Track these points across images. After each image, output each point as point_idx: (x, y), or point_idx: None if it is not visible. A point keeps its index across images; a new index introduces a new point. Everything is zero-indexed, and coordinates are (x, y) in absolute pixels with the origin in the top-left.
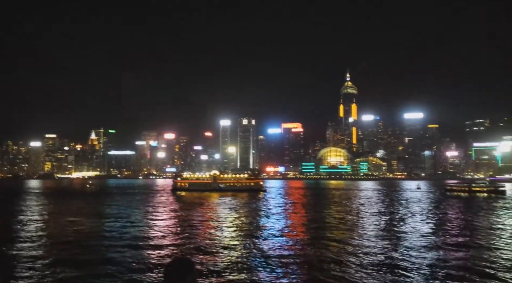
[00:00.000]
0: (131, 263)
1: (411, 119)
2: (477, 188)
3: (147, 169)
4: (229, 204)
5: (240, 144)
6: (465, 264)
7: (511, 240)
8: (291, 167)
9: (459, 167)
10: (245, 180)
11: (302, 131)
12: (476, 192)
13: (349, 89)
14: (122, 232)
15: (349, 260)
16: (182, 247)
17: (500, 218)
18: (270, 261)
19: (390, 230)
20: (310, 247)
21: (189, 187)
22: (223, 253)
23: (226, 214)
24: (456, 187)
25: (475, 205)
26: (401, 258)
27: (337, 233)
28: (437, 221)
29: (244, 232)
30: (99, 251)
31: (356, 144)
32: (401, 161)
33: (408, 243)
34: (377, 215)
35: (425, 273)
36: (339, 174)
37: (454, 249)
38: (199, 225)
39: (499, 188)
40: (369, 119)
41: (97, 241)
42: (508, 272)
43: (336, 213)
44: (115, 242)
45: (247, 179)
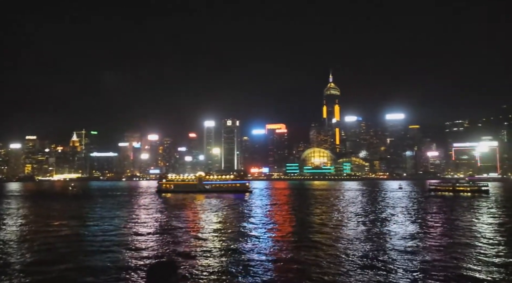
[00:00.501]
0: (114, 265)
1: (392, 120)
2: (461, 187)
3: (130, 171)
4: (214, 206)
5: (225, 145)
6: (446, 263)
7: (487, 239)
8: (276, 168)
9: (439, 167)
10: (231, 181)
11: (286, 132)
12: (460, 191)
13: (332, 90)
14: (104, 235)
15: (332, 261)
16: (166, 249)
17: (480, 217)
18: (253, 263)
19: (373, 229)
20: (293, 249)
21: (175, 188)
22: (206, 255)
23: (210, 216)
24: (440, 187)
25: (457, 204)
26: (384, 258)
27: (321, 234)
28: (419, 221)
29: (228, 234)
30: (80, 254)
31: (339, 144)
32: (383, 162)
33: (390, 242)
34: (360, 215)
35: (408, 271)
36: (323, 175)
37: (435, 248)
38: (183, 227)
39: (483, 188)
40: (352, 120)
41: (78, 244)
42: (489, 270)
43: (320, 213)
44: (97, 245)
45: (233, 180)
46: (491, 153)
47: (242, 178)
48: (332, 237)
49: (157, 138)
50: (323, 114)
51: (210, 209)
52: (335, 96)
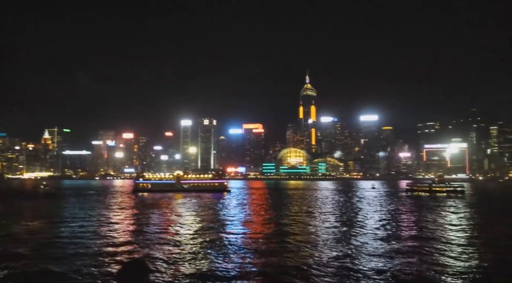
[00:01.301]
0: (84, 266)
1: (366, 121)
2: (437, 188)
3: (104, 170)
4: (192, 205)
5: (201, 144)
6: (416, 262)
7: (457, 237)
8: (252, 168)
9: (411, 168)
10: (209, 180)
11: (263, 132)
12: (437, 192)
13: (309, 91)
14: (76, 235)
15: (306, 261)
16: (139, 249)
17: (449, 216)
18: (228, 262)
19: (347, 229)
20: (268, 249)
21: (152, 187)
22: (181, 254)
23: (187, 215)
24: (416, 187)
25: (432, 204)
26: (356, 257)
27: (295, 233)
28: (390, 220)
29: (203, 233)
30: (51, 255)
31: (315, 145)
32: (357, 162)
33: (362, 240)
34: (334, 214)
35: (378, 271)
36: (299, 175)
37: (406, 248)
38: (159, 227)
39: (458, 188)
40: (328, 120)
41: (49, 244)
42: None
43: (295, 213)
44: (69, 246)
45: (211, 179)
46: (461, 155)
47: (220, 177)
48: (306, 235)
49: (132, 137)
50: (300, 114)
51: (187, 208)
52: (312, 97)
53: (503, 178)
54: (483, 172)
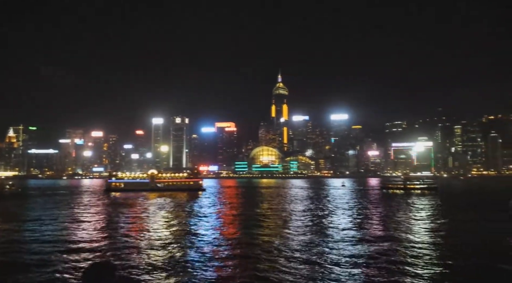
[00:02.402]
0: (49, 268)
1: (337, 120)
2: (412, 185)
3: (72, 169)
4: (166, 204)
5: (173, 143)
6: (386, 257)
7: (420, 233)
8: (224, 166)
9: (379, 166)
10: (184, 179)
11: (235, 131)
12: (411, 189)
13: (281, 90)
14: (42, 236)
15: (278, 258)
16: (107, 250)
17: (417, 213)
18: (199, 261)
19: (317, 226)
20: (240, 246)
21: (125, 187)
22: (150, 255)
23: (161, 214)
24: (392, 185)
25: (406, 201)
26: (327, 254)
27: (268, 231)
28: (359, 217)
29: (176, 233)
30: (15, 257)
31: (287, 143)
32: (327, 160)
33: (333, 238)
34: (305, 212)
35: (349, 267)
36: (271, 173)
37: (375, 241)
38: (130, 227)
39: (432, 186)
40: (299, 119)
41: (13, 246)
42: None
43: (267, 210)
44: (34, 247)
45: (186, 178)
46: (426, 153)
47: (195, 176)
48: (279, 232)
49: (102, 135)
50: (272, 113)
51: (161, 207)
52: (284, 96)
53: (466, 175)
54: (447, 169)
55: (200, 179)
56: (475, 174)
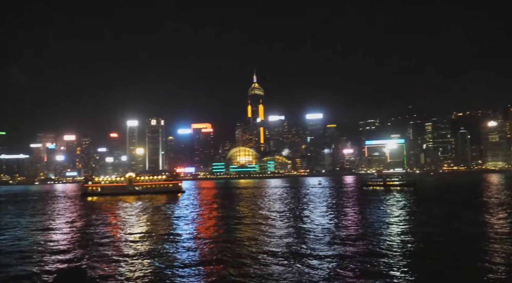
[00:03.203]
0: (20, 274)
1: (312, 120)
2: (391, 182)
3: (44, 174)
4: (144, 208)
5: (149, 145)
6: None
7: (392, 229)
8: (202, 168)
9: (354, 163)
10: (163, 181)
11: (212, 132)
12: (391, 186)
13: (256, 90)
14: (14, 243)
15: (258, 257)
16: (80, 259)
17: (392, 209)
18: (177, 265)
19: (295, 224)
20: (220, 248)
21: (102, 191)
22: (125, 265)
23: (137, 219)
24: (372, 182)
25: (386, 197)
26: (307, 252)
27: (247, 231)
28: (336, 215)
29: (153, 236)
30: None
31: (263, 143)
32: (304, 159)
33: (312, 235)
34: (283, 211)
35: (328, 264)
36: (248, 173)
37: (356, 241)
38: (105, 231)
39: (411, 182)
40: (275, 119)
41: None
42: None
43: (245, 211)
44: (3, 255)
45: (165, 180)
46: (399, 150)
47: (175, 178)
48: (258, 232)
49: (74, 138)
50: (248, 113)
51: (138, 211)
52: (259, 96)
53: (438, 171)
54: (419, 166)
55: (179, 181)
56: (446, 170)
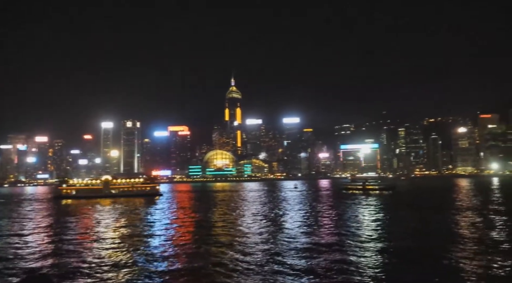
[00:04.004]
0: None
1: (289, 124)
2: (370, 186)
3: (14, 176)
4: (119, 211)
5: (124, 148)
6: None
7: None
8: (178, 170)
9: (329, 167)
10: (140, 184)
11: (189, 134)
12: (370, 190)
13: (234, 93)
14: None
15: (235, 262)
16: (49, 262)
17: (368, 212)
18: (151, 274)
19: (271, 228)
20: (196, 252)
21: (77, 194)
22: (98, 269)
23: (112, 222)
24: (351, 186)
25: (363, 201)
26: (282, 254)
27: (223, 235)
28: (313, 219)
29: (126, 240)
30: None
31: (240, 147)
32: (280, 163)
33: (288, 239)
34: (259, 215)
35: (301, 267)
36: (225, 176)
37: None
38: (77, 236)
39: (390, 186)
40: (253, 123)
41: None
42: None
43: (222, 215)
44: None
45: (142, 183)
46: (373, 154)
47: (152, 181)
48: (234, 237)
49: (47, 140)
50: (226, 116)
51: (114, 214)
52: (237, 99)
53: (410, 175)
54: (392, 170)
55: (157, 184)
56: (418, 174)
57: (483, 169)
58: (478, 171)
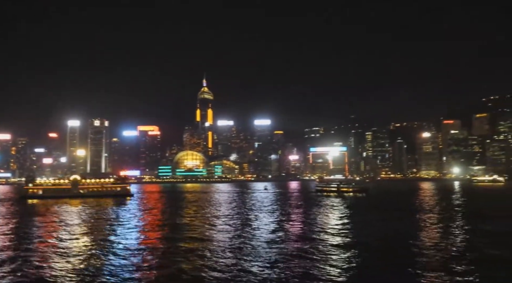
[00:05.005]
0: None
1: (260, 125)
2: (344, 188)
3: None
4: (87, 212)
5: (91, 147)
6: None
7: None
8: (147, 171)
9: (299, 169)
10: (110, 185)
11: (159, 134)
12: (344, 192)
13: (206, 94)
14: None
15: (203, 262)
16: (6, 269)
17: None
18: (115, 278)
19: (242, 227)
20: (165, 254)
21: (44, 194)
22: (59, 274)
23: (79, 224)
24: (326, 188)
25: (337, 203)
26: (250, 255)
27: (192, 237)
28: (282, 220)
29: (92, 242)
30: None
31: (211, 148)
32: (251, 164)
33: (257, 239)
34: (229, 216)
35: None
36: (195, 177)
37: (295, 241)
38: (39, 239)
39: (364, 188)
40: (224, 124)
41: None
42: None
43: (192, 217)
44: None
45: (112, 184)
46: (341, 157)
47: (123, 181)
48: (204, 239)
49: (9, 138)
50: (197, 117)
51: (81, 215)
52: (209, 100)
53: (376, 178)
54: (359, 173)
55: (127, 185)
56: (383, 177)
57: (445, 173)
58: (440, 175)
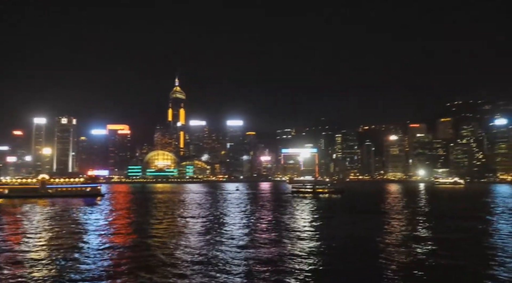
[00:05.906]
0: None
1: (232, 126)
2: (320, 189)
3: None
4: (54, 213)
5: (58, 145)
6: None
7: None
8: (116, 171)
9: (271, 170)
10: (80, 185)
11: (129, 134)
12: (320, 193)
13: (178, 94)
14: None
15: (174, 262)
16: None
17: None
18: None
19: (212, 229)
20: (133, 256)
21: (9, 193)
22: (23, 278)
23: (44, 225)
24: (302, 189)
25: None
26: (221, 255)
27: (163, 237)
28: (254, 221)
29: (59, 246)
30: None
31: (183, 148)
32: (223, 165)
33: (227, 242)
34: (200, 217)
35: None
36: (166, 177)
37: (265, 243)
38: (2, 242)
39: (339, 190)
40: (196, 124)
41: None
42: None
43: (161, 218)
44: None
45: (83, 183)
46: (312, 159)
47: (93, 181)
48: (175, 238)
49: None
50: (169, 117)
51: (48, 216)
52: (181, 100)
53: (344, 180)
54: (329, 174)
55: (98, 185)
56: (352, 179)
57: (411, 175)
58: (406, 177)
